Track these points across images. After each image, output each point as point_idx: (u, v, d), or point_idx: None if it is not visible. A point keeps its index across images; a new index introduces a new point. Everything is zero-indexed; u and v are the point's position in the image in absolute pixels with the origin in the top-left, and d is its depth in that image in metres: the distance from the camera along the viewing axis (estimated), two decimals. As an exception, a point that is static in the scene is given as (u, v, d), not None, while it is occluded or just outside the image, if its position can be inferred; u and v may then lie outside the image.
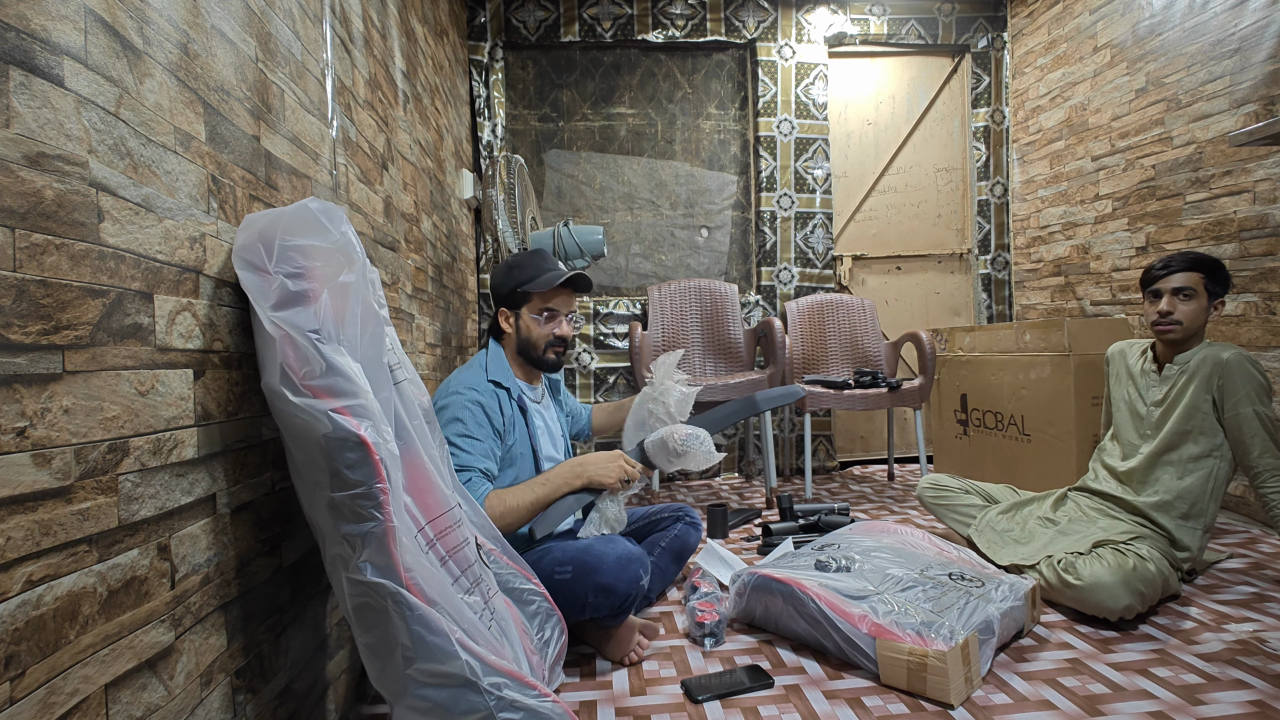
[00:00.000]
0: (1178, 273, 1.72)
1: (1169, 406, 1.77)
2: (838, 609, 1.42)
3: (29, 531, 0.61)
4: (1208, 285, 1.71)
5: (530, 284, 1.64)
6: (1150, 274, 1.77)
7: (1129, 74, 2.75)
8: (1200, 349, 1.75)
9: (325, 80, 1.37)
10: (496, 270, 1.71)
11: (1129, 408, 1.87)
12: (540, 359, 1.67)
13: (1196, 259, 1.72)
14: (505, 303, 1.68)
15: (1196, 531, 1.73)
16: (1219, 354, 1.70)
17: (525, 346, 1.67)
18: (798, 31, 3.40)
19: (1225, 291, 1.72)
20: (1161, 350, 1.82)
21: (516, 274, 1.65)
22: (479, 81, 3.22)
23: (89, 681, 0.67)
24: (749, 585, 1.60)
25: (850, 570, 1.55)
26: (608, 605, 1.41)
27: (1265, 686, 1.28)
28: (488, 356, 1.65)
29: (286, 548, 1.10)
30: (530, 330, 1.66)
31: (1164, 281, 1.74)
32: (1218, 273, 1.71)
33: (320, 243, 0.94)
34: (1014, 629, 1.48)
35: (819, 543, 1.76)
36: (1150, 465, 1.77)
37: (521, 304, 1.66)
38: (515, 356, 1.69)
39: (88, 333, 0.69)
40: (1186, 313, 1.71)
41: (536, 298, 1.65)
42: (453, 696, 0.96)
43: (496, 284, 1.69)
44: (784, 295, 3.43)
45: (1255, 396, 1.64)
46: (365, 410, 0.91)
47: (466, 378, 1.58)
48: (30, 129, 0.63)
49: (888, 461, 3.43)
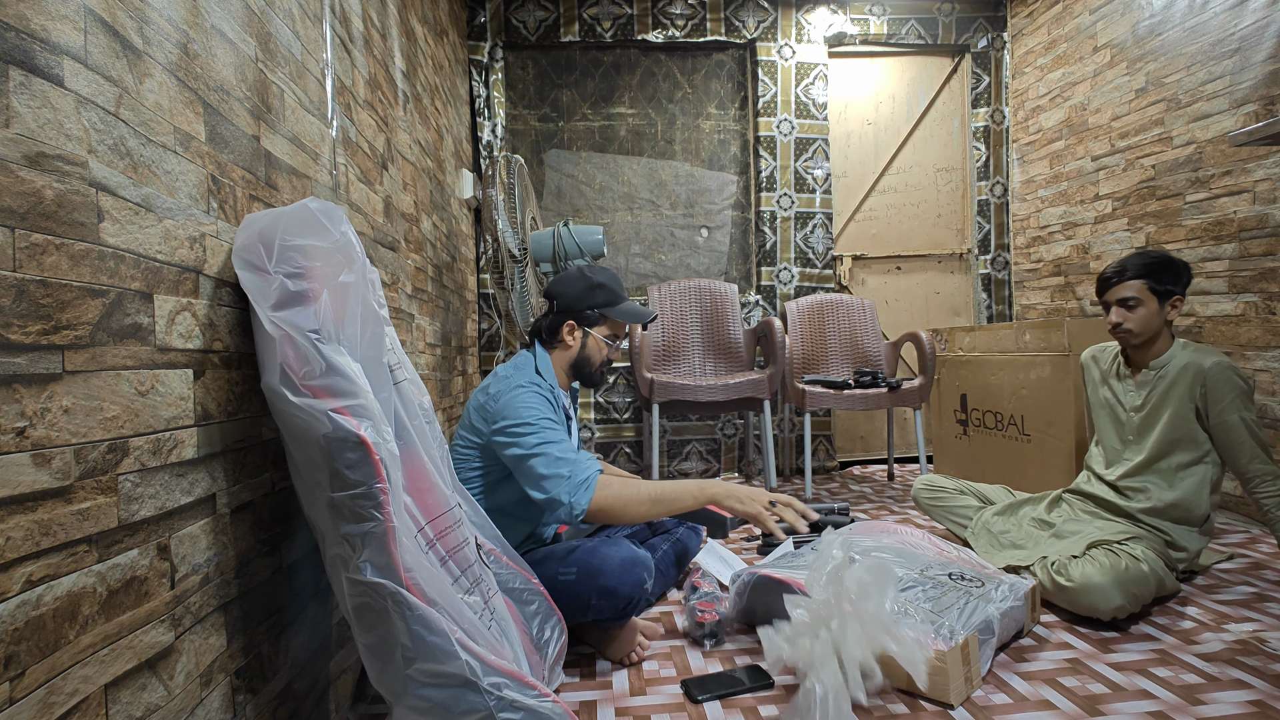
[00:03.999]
0: (1119, 284, 1.72)
1: (1150, 414, 1.76)
2: None
3: (29, 531, 0.61)
4: (1154, 288, 1.69)
5: (613, 310, 1.63)
6: (1099, 286, 1.77)
7: (1129, 74, 2.75)
8: (1177, 354, 1.73)
9: (325, 80, 1.37)
10: (570, 281, 1.65)
11: (1109, 413, 1.87)
12: (591, 375, 1.67)
13: (1140, 267, 1.70)
14: (577, 317, 1.63)
15: (1194, 533, 1.73)
16: (1200, 362, 1.68)
17: (583, 363, 1.65)
18: (798, 31, 3.40)
19: (1180, 288, 1.70)
20: (1131, 354, 1.82)
21: (600, 295, 1.62)
22: (479, 81, 3.22)
23: (89, 681, 0.67)
24: (749, 585, 1.59)
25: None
26: (611, 608, 1.41)
27: (1265, 686, 1.28)
28: (537, 362, 1.61)
29: (286, 548, 1.10)
30: (596, 351, 1.65)
31: (1110, 294, 1.74)
32: (1164, 274, 1.69)
33: (320, 243, 0.94)
34: (1014, 629, 1.48)
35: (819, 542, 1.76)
36: (1139, 473, 1.77)
37: (595, 324, 1.64)
38: (566, 368, 1.66)
39: (88, 333, 0.69)
40: (1137, 320, 1.71)
41: (611, 323, 1.65)
42: (453, 696, 0.96)
43: (570, 297, 1.63)
44: (784, 295, 3.43)
45: (1240, 403, 1.63)
46: (365, 410, 0.91)
47: (524, 375, 1.55)
48: (30, 129, 0.63)
49: (888, 461, 3.43)
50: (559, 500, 1.38)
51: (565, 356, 1.65)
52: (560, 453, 1.41)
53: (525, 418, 1.45)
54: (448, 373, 2.45)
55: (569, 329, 1.64)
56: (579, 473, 1.39)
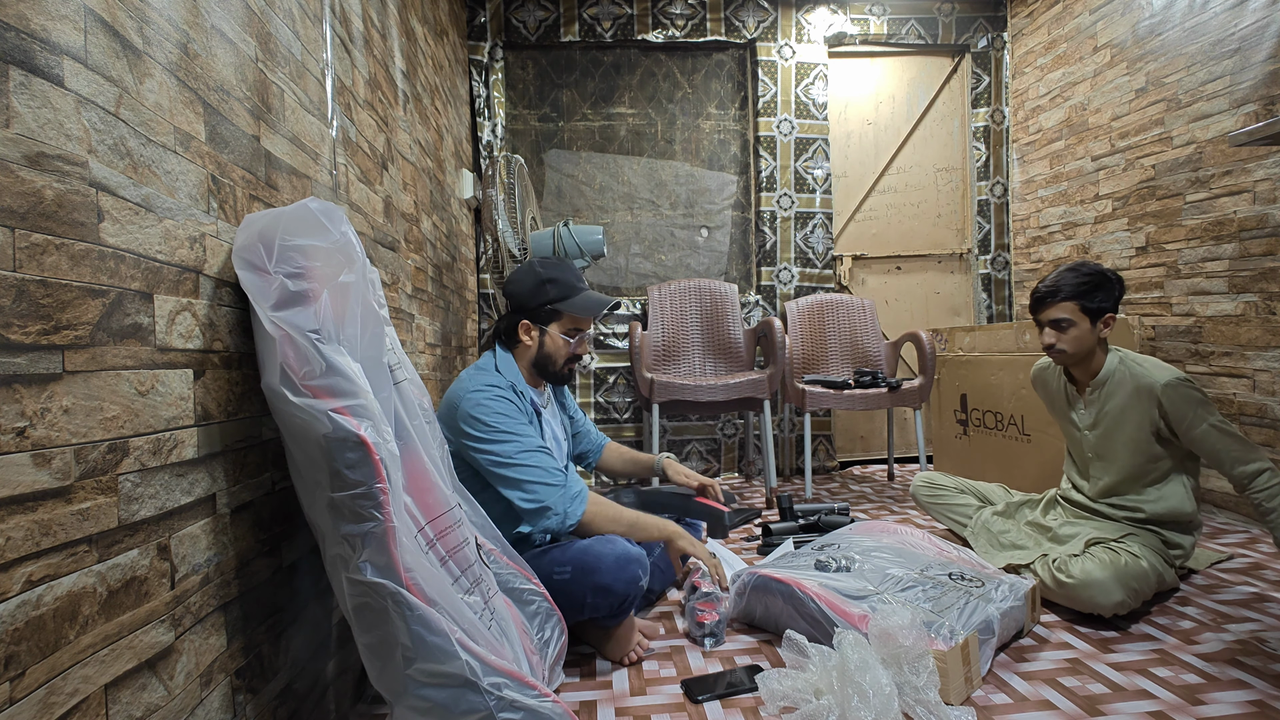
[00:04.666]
0: (1052, 305, 1.71)
1: (1105, 434, 1.75)
2: (838, 609, 1.42)
3: (29, 531, 0.61)
4: (1086, 308, 1.67)
5: (566, 304, 1.57)
6: (1032, 303, 1.76)
7: (1129, 74, 2.75)
8: (1115, 369, 1.72)
9: (325, 80, 1.37)
10: (521, 279, 1.60)
11: (1067, 430, 1.88)
12: (557, 373, 1.63)
13: (1072, 287, 1.68)
14: (531, 316, 1.59)
15: (1185, 532, 1.73)
16: (1150, 384, 1.66)
17: (544, 361, 1.61)
18: (798, 31, 3.40)
19: (1112, 304, 1.69)
20: (1071, 371, 1.81)
21: (550, 290, 1.57)
22: (479, 81, 3.22)
23: (89, 682, 0.67)
24: (749, 585, 1.60)
25: (850, 570, 1.55)
26: (606, 605, 1.41)
27: (1265, 686, 1.28)
28: (497, 362, 1.58)
29: (286, 548, 1.10)
30: (556, 348, 1.60)
31: (1043, 314, 1.73)
32: (1096, 293, 1.67)
33: (320, 243, 0.94)
34: (1014, 629, 1.48)
35: (819, 543, 1.76)
36: (1120, 493, 1.76)
37: (550, 320, 1.59)
38: (529, 367, 1.62)
39: (88, 333, 0.69)
40: (1070, 341, 1.70)
41: (569, 318, 1.59)
42: (453, 696, 0.96)
43: (522, 295, 1.59)
44: (784, 295, 3.43)
45: (1204, 413, 1.61)
46: (365, 410, 0.91)
47: (483, 378, 1.52)
48: (30, 129, 0.63)
49: (888, 461, 3.43)
50: (551, 509, 1.42)
51: (526, 357, 1.62)
52: (546, 462, 1.46)
53: (496, 424, 1.45)
54: (448, 373, 2.45)
55: (524, 328, 1.59)
56: (572, 484, 1.46)
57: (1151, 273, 2.66)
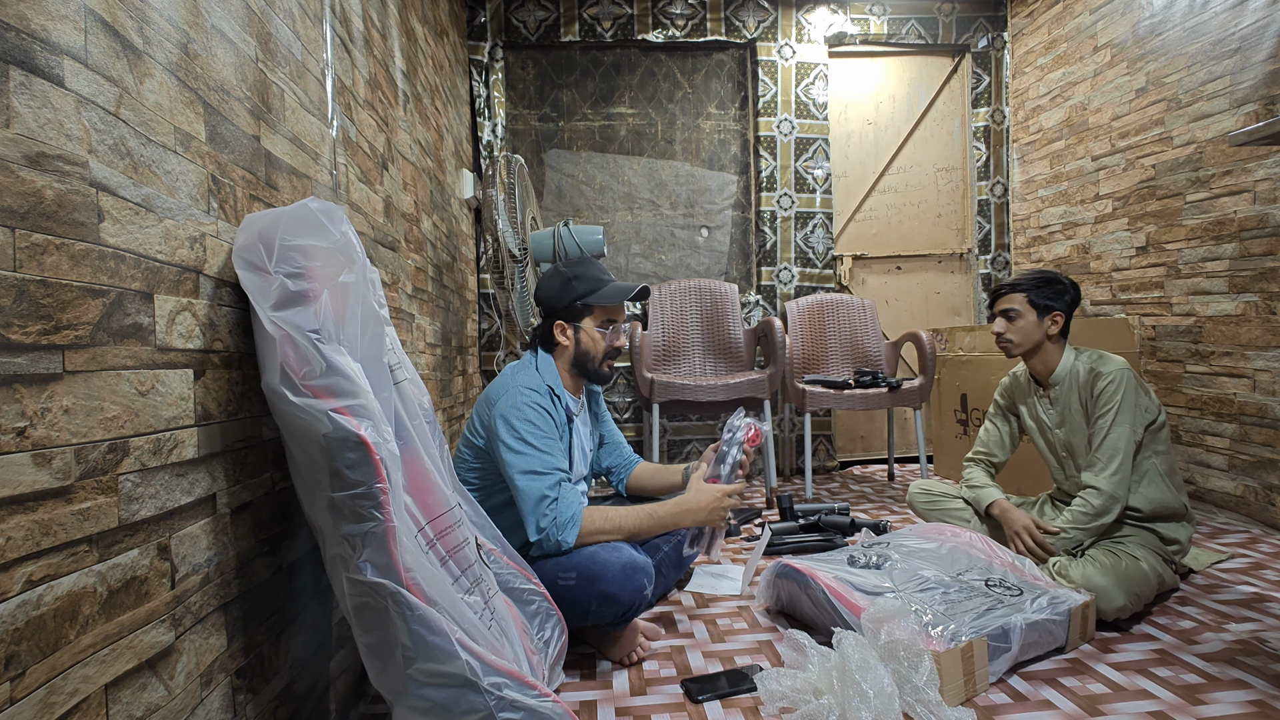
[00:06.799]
0: (1006, 295, 1.79)
1: (1070, 430, 1.78)
2: (845, 599, 1.45)
3: (29, 531, 0.61)
4: (1034, 301, 1.75)
5: (594, 297, 1.59)
6: (991, 297, 1.84)
7: (1129, 74, 2.75)
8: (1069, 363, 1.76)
9: (325, 80, 1.37)
10: (548, 283, 1.64)
11: (1040, 434, 1.88)
12: (597, 371, 1.64)
13: (1026, 281, 1.77)
14: (564, 315, 1.61)
15: (1179, 524, 1.72)
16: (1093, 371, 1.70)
17: (583, 359, 1.62)
18: (798, 31, 3.40)
19: (1061, 305, 1.75)
20: (1031, 370, 1.85)
21: (577, 286, 1.59)
22: (479, 81, 3.22)
23: (89, 681, 0.67)
24: (774, 573, 1.69)
25: (880, 568, 1.56)
26: (610, 614, 1.40)
27: (1265, 686, 1.28)
28: (538, 364, 1.60)
29: (286, 548, 1.10)
30: (593, 343, 1.61)
31: (996, 305, 1.82)
32: (1045, 289, 1.75)
33: (320, 243, 0.94)
34: (1047, 643, 1.42)
35: (869, 540, 1.76)
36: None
37: (582, 316, 1.61)
38: (569, 368, 1.64)
39: (88, 333, 0.69)
40: (1016, 330, 1.77)
41: (600, 310, 1.61)
42: (453, 696, 0.96)
43: (551, 296, 1.62)
44: (784, 295, 3.43)
45: (1126, 414, 1.64)
46: (365, 410, 0.91)
47: (526, 379, 1.54)
48: (30, 129, 0.63)
49: (888, 461, 3.43)
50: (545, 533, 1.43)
51: (566, 358, 1.64)
52: (548, 488, 1.44)
53: (523, 433, 1.47)
54: (448, 373, 2.45)
55: (559, 329, 1.62)
56: (564, 509, 1.44)
57: (1152, 273, 2.66)
